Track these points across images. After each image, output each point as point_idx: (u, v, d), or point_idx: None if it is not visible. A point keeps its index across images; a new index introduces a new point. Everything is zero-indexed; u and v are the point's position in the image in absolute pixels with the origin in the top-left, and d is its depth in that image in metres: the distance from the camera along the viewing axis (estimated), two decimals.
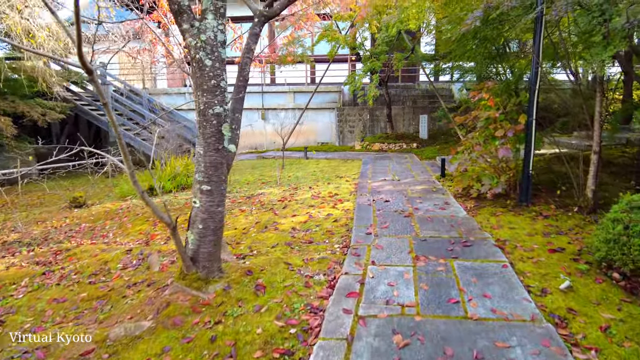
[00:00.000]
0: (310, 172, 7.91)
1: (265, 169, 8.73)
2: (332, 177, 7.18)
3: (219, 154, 2.77)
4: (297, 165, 9.04)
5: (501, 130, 4.55)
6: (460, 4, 4.95)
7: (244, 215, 4.98)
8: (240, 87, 3.18)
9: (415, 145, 10.62)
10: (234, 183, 7.40)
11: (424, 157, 8.97)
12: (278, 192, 6.19)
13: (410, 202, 4.99)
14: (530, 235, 3.72)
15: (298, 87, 13.70)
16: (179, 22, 2.64)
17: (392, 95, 12.47)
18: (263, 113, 13.78)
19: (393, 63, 10.36)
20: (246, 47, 3.24)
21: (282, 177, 7.51)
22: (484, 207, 4.65)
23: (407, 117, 12.40)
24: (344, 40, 9.59)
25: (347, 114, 12.52)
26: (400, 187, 5.93)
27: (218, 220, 2.85)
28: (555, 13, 3.59)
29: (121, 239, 4.70)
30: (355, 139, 12.39)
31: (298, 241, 3.84)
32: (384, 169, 7.63)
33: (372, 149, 10.89)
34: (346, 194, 5.75)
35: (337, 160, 9.31)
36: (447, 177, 6.43)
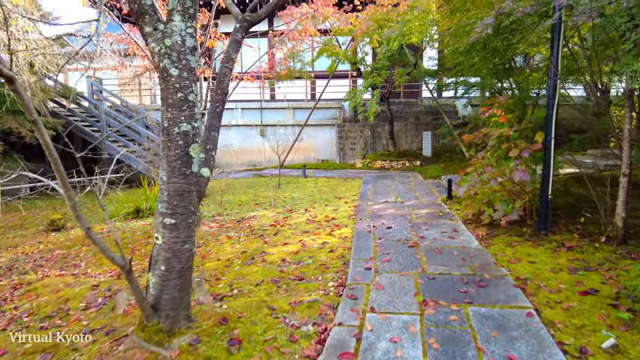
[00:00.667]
0: (307, 192, 7.45)
1: (261, 188, 8.28)
2: (330, 198, 6.71)
3: (186, 181, 2.31)
4: (294, 184, 8.59)
5: (515, 149, 4.09)
6: (468, 13, 4.56)
7: (231, 243, 4.49)
8: (218, 101, 2.76)
9: (418, 163, 10.17)
10: (225, 204, 6.94)
11: (428, 176, 8.50)
12: (271, 215, 5.72)
13: (415, 228, 4.50)
14: (554, 272, 3.22)
15: (298, 103, 13.38)
16: (140, 24, 2.22)
17: (394, 112, 12.10)
18: (262, 129, 13.42)
19: (395, 78, 10.01)
20: (226, 56, 2.83)
21: (278, 198, 7.04)
22: (498, 236, 4.15)
23: (410, 133, 12.00)
24: (343, 55, 9.26)
25: (347, 130, 12.13)
26: (403, 210, 5.45)
27: (185, 260, 2.37)
28: (577, 19, 3.17)
29: (93, 270, 4.21)
30: (356, 156, 11.96)
31: (287, 277, 3.35)
32: (386, 189, 7.16)
33: (374, 166, 10.44)
34: (344, 217, 5.26)
35: (336, 179, 8.85)
36: (454, 199, 5.94)
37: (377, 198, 6.36)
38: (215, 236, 4.86)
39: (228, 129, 13.60)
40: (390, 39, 7.99)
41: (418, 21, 7.73)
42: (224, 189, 8.64)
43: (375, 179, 8.38)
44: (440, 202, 5.87)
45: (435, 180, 8.00)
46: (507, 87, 7.23)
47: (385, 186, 7.47)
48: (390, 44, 8.05)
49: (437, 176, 8.34)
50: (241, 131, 13.62)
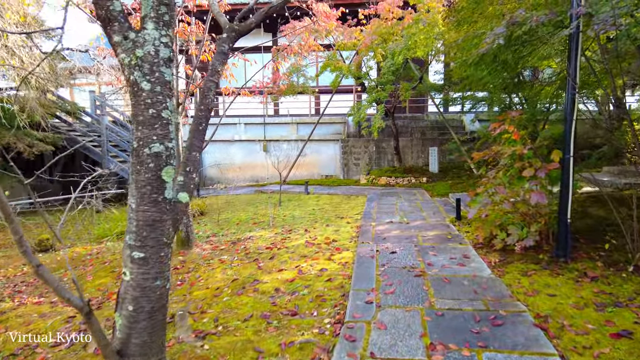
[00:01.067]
0: (308, 210, 7.14)
1: (261, 206, 7.99)
2: (332, 217, 6.39)
3: (157, 208, 2.03)
4: (295, 201, 8.29)
5: (530, 169, 3.77)
6: (475, 25, 4.31)
7: (223, 268, 4.18)
8: (201, 117, 2.49)
9: (425, 180, 9.84)
10: (223, 223, 6.65)
11: (435, 194, 8.16)
12: (269, 236, 5.41)
13: (422, 253, 4.16)
14: (578, 308, 2.86)
15: (301, 118, 13.20)
16: (109, 32, 1.98)
17: (400, 127, 11.84)
18: (265, 145, 13.22)
19: (400, 93, 9.78)
20: (211, 69, 2.58)
21: (277, 216, 6.74)
22: (512, 263, 3.79)
23: (416, 149, 11.71)
24: (347, 69, 9.07)
25: (352, 145, 11.87)
26: (409, 232, 5.11)
27: (156, 298, 2.07)
28: (598, 27, 2.89)
29: None
30: (360, 172, 11.67)
31: (279, 311, 3.02)
32: (391, 207, 6.83)
33: (379, 183, 10.13)
34: (346, 239, 4.94)
35: (339, 197, 8.54)
36: (463, 220, 5.60)
37: (381, 218, 6.03)
38: (207, 260, 4.55)
39: (231, 144, 13.43)
40: (395, 52, 7.78)
41: (423, 34, 7.52)
42: (223, 206, 8.38)
43: (379, 197, 8.06)
44: (449, 223, 5.52)
45: (443, 199, 7.66)
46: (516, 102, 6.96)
47: (390, 204, 7.14)
48: (395, 57, 7.83)
49: (444, 194, 8.00)
50: (244, 146, 13.43)
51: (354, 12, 9.87)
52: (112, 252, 5.25)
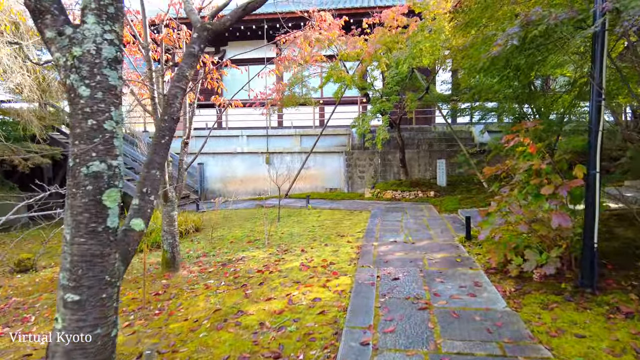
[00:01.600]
0: (308, 227, 6.74)
1: (259, 222, 7.61)
2: (332, 235, 5.98)
3: (97, 240, 1.66)
4: (295, 217, 7.90)
5: (549, 186, 3.34)
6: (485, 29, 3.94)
7: (206, 296, 3.79)
8: (164, 129, 2.14)
9: (432, 194, 9.39)
10: (216, 241, 6.28)
11: (443, 209, 7.71)
12: (262, 257, 5.01)
13: (428, 280, 3.73)
14: (614, 354, 2.40)
15: (305, 129, 12.89)
16: (40, 27, 1.64)
17: (406, 139, 11.45)
18: (267, 157, 12.91)
19: (405, 104, 9.41)
20: (178, 74, 2.23)
21: (274, 234, 6.35)
22: (530, 294, 3.34)
23: (423, 161, 11.28)
24: (350, 80, 8.75)
25: (356, 158, 11.49)
26: (414, 253, 4.68)
27: (95, 351, 1.68)
28: (628, 24, 2.50)
29: (41, 327, 3.55)
30: (365, 185, 11.26)
31: (260, 352, 2.61)
32: (396, 225, 6.40)
33: (384, 197, 9.70)
34: (345, 262, 4.52)
35: (341, 212, 8.13)
36: (474, 240, 5.14)
37: (384, 236, 5.60)
38: (192, 284, 4.17)
39: (233, 157, 13.15)
40: (399, 61, 7.44)
41: (429, 42, 7.18)
42: (220, 221, 8.02)
43: (384, 212, 7.63)
44: (458, 244, 5.07)
45: (452, 215, 7.20)
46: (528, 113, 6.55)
47: (394, 221, 6.71)
48: (400, 66, 7.49)
49: (453, 210, 7.54)
50: (246, 159, 13.14)
51: (358, 22, 9.60)
52: None
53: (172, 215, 4.62)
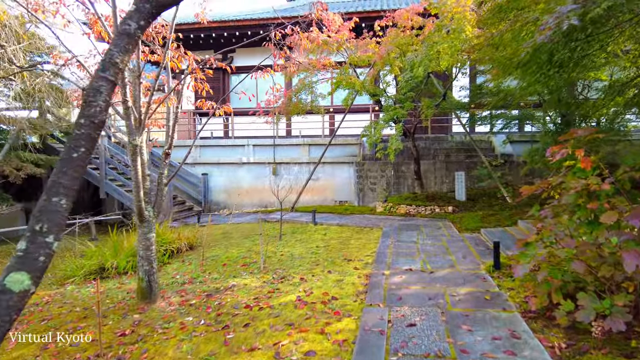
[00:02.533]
0: (312, 247, 6.03)
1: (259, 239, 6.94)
2: (338, 259, 5.26)
3: None
4: (299, 234, 7.20)
5: (612, 213, 2.58)
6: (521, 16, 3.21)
7: (179, 340, 3.11)
8: (80, 139, 1.50)
9: (450, 209, 8.58)
10: (209, 262, 5.62)
11: (464, 228, 6.91)
12: (255, 286, 4.33)
13: (452, 327, 2.97)
14: None
15: (313, 139, 12.25)
16: None
17: (421, 149, 10.69)
18: (274, 168, 12.29)
19: (421, 111, 8.69)
20: (105, 61, 1.59)
21: (274, 255, 5.67)
22: (589, 354, 2.56)
23: (439, 173, 10.49)
24: (360, 85, 8.08)
25: (367, 169, 10.77)
26: (433, 287, 3.92)
27: None
28: None
29: None
30: (377, 198, 10.51)
31: None
32: (410, 246, 5.64)
33: (397, 212, 8.93)
34: (349, 296, 3.80)
35: (350, 229, 7.39)
36: (504, 269, 4.36)
37: (398, 262, 4.86)
38: (167, 322, 3.50)
39: (239, 167, 12.58)
40: (414, 64, 6.75)
41: (447, 43, 6.47)
42: (218, 238, 7.39)
43: (397, 230, 6.87)
44: (485, 274, 4.29)
45: (474, 235, 6.39)
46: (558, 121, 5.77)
47: (409, 242, 5.95)
48: (415, 70, 6.79)
49: (475, 229, 6.74)
50: (252, 169, 12.55)
51: (370, 25, 8.97)
52: (61, 304, 4.27)
53: (149, 238, 3.98)
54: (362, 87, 8.31)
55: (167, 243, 6.45)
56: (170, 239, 6.55)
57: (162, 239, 6.45)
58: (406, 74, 7.23)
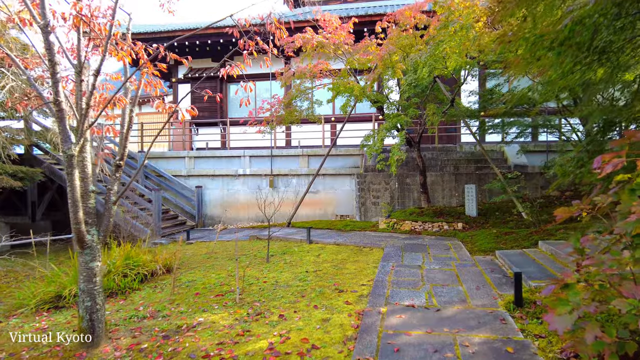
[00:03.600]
0: (300, 272, 5.27)
1: (246, 260, 6.20)
2: (328, 288, 4.49)
3: None
4: (291, 254, 6.44)
5: None
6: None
7: None
8: None
9: (460, 226, 7.76)
10: (183, 289, 4.89)
11: (476, 249, 6.09)
12: (223, 326, 3.57)
13: None
14: None
15: (313, 149, 11.57)
16: None
17: (427, 159, 9.93)
18: (271, 180, 11.61)
19: (427, 119, 7.96)
20: None
21: (256, 282, 4.92)
22: None
23: (448, 186, 9.69)
24: (360, 91, 7.39)
25: (369, 181, 10.01)
26: (441, 332, 3.13)
27: None
28: None
29: None
30: (380, 212, 9.73)
31: None
32: (414, 273, 4.85)
33: (401, 229, 8.13)
34: (335, 344, 3.02)
35: (347, 249, 6.62)
36: (527, 305, 3.55)
37: (398, 294, 4.07)
38: None
39: (234, 179, 11.91)
40: (417, 65, 6.05)
41: (454, 41, 5.77)
42: (201, 259, 6.66)
43: (401, 251, 6.08)
44: (504, 312, 3.49)
45: (487, 258, 5.58)
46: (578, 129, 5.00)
47: (413, 266, 5.16)
48: (419, 71, 6.09)
49: (488, 250, 5.92)
50: (249, 182, 11.87)
51: (371, 30, 8.34)
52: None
53: (92, 268, 3.26)
54: (362, 93, 7.62)
55: (139, 266, 5.74)
56: (144, 261, 5.84)
57: (134, 261, 5.74)
58: (409, 76, 6.53)
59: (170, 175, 11.90)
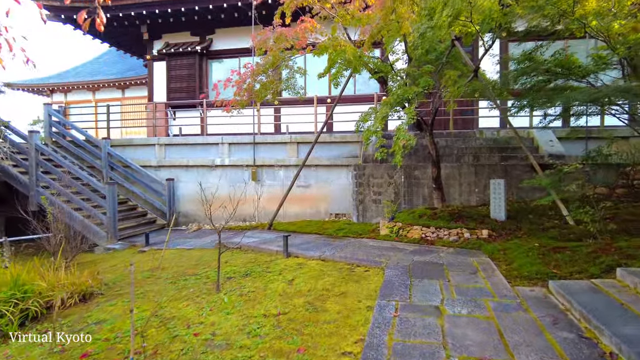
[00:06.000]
0: (256, 316, 3.49)
1: (195, 285, 4.46)
2: (294, 353, 2.72)
3: None
4: (254, 278, 4.67)
5: None
6: None
7: None
8: None
9: (485, 234, 5.94)
10: (70, 346, 3.15)
11: (515, 273, 4.27)
12: None
13: None
14: None
15: (303, 136, 9.73)
16: None
17: (441, 148, 8.06)
18: (254, 172, 9.81)
19: (443, 93, 6.10)
20: None
21: (181, 336, 3.17)
22: None
23: (466, 180, 7.84)
24: (354, 55, 5.52)
25: (369, 174, 8.18)
26: None
27: None
28: None
29: None
30: (381, 212, 7.93)
31: None
32: (430, 326, 3.06)
33: (408, 236, 6.33)
34: None
35: (335, 269, 4.83)
36: None
37: None
38: None
39: (211, 171, 10.14)
40: (434, 6, 4.16)
41: None
42: (139, 280, 4.93)
43: (407, 277, 4.29)
44: None
45: (537, 290, 3.76)
46: None
47: (427, 310, 3.37)
48: (436, 17, 4.21)
49: (534, 275, 4.10)
50: (228, 173, 10.09)
51: None
52: None
53: None
54: (358, 59, 5.75)
55: (36, 295, 4.02)
56: (41, 288, 4.11)
57: (29, 288, 4.03)
58: (422, 25, 4.64)
59: (137, 166, 10.15)
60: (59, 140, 10.62)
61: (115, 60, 18.77)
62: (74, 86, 17.09)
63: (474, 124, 10.26)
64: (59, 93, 18.09)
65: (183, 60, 12.15)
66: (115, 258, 6.83)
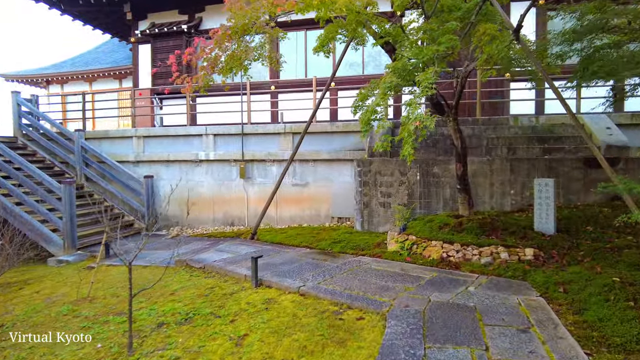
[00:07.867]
0: None
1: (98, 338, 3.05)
2: None
3: None
4: (193, 327, 3.21)
5: None
6: None
7: None
8: None
9: (530, 255, 4.32)
10: None
11: (592, 333, 2.70)
12: None
13: None
14: None
15: (300, 125, 8.18)
16: None
17: (467, 137, 6.39)
18: (242, 168, 8.37)
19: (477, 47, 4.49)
20: None
21: None
22: None
23: (498, 178, 6.18)
24: (347, 5, 3.95)
25: (376, 171, 6.61)
26: None
27: None
28: None
29: None
30: (391, 218, 6.37)
31: None
32: None
33: (424, 256, 4.76)
34: None
35: (315, 315, 3.32)
36: None
37: None
38: None
39: (195, 167, 8.76)
40: None
41: None
42: (46, 319, 3.56)
43: (421, 336, 2.77)
44: None
45: None
46: None
47: None
48: None
49: (627, 345, 2.51)
50: (213, 169, 8.70)
51: None
52: None
53: None
54: (355, 16, 4.19)
55: None
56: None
57: None
58: None
59: (113, 161, 8.87)
60: (30, 133, 9.45)
61: (113, 49, 17.63)
62: (70, 76, 16.01)
63: (504, 109, 8.55)
64: (56, 84, 17.07)
65: (169, 42, 10.75)
66: (59, 275, 5.53)
